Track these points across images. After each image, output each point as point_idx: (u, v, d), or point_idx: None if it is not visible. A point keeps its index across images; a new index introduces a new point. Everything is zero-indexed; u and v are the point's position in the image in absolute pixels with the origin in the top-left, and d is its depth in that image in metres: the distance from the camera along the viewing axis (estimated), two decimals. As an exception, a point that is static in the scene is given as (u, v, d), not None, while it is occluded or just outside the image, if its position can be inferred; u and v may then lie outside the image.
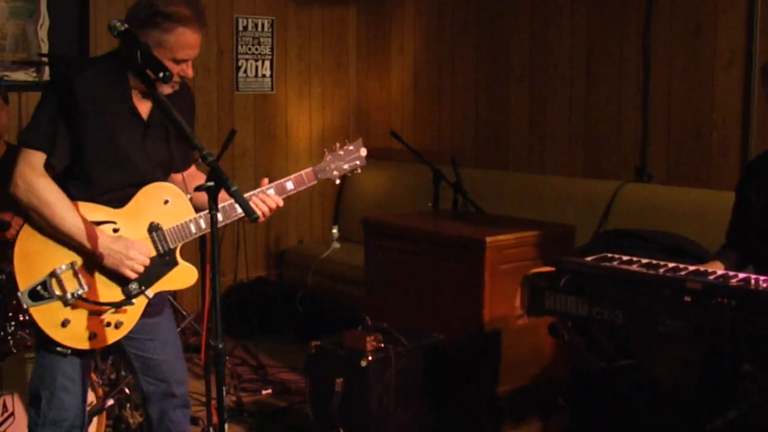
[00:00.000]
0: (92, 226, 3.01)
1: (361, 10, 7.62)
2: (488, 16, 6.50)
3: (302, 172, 3.34)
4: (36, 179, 2.96)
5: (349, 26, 7.64)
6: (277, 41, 7.18)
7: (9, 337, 4.02)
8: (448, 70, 6.85)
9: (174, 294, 5.82)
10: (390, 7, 7.33)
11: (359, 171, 3.49)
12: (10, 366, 3.91)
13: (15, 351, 3.94)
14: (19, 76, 5.88)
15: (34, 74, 5.94)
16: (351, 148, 3.46)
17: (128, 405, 4.38)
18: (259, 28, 7.05)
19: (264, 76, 7.13)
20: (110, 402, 4.17)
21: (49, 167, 3.00)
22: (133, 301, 3.10)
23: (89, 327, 3.06)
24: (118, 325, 3.11)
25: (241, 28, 6.95)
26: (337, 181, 3.47)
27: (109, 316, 3.08)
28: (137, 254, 3.03)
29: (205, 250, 4.48)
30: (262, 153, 7.19)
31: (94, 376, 4.09)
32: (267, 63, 7.13)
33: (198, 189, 2.67)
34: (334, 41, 7.56)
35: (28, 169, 2.98)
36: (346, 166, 3.44)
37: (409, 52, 7.19)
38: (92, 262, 3.05)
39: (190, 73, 3.09)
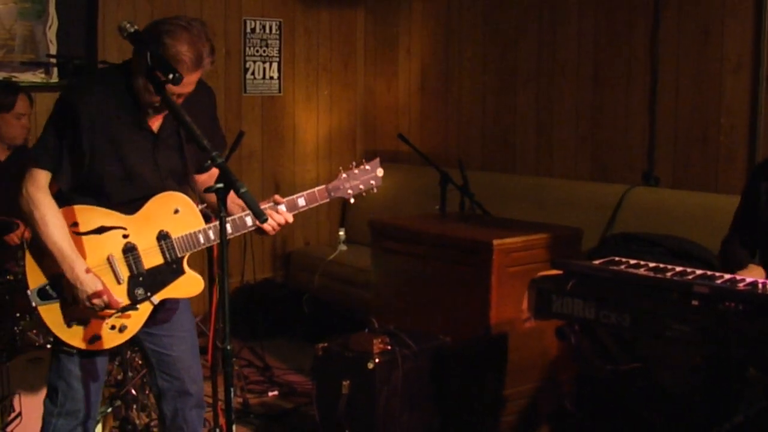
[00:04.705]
0: (76, 254, 3.03)
1: (369, 12, 7.62)
2: (496, 20, 6.50)
3: (315, 189, 3.34)
4: (35, 193, 3.05)
5: (356, 29, 7.65)
6: (284, 43, 7.19)
7: (17, 338, 4.04)
8: (455, 72, 6.86)
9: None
10: (397, 9, 7.34)
11: (375, 191, 3.46)
12: (18, 366, 3.92)
13: (22, 351, 3.95)
14: (28, 77, 5.90)
15: (43, 75, 5.96)
16: (368, 167, 3.42)
17: (134, 406, 4.39)
18: (267, 31, 7.06)
19: (272, 78, 7.14)
20: (117, 403, 4.18)
21: (53, 186, 3.07)
22: (138, 306, 3.13)
23: (93, 329, 3.11)
24: (122, 329, 3.14)
25: (249, 30, 6.96)
26: (352, 200, 3.43)
27: (113, 320, 3.12)
28: (100, 303, 3.03)
29: (212, 251, 4.49)
30: (270, 155, 7.19)
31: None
32: (275, 65, 7.14)
33: (207, 191, 2.70)
34: (342, 43, 7.57)
35: (32, 184, 3.07)
36: (361, 186, 3.41)
37: (417, 54, 7.20)
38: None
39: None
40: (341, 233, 6.95)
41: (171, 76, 2.79)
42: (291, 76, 7.26)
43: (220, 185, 2.64)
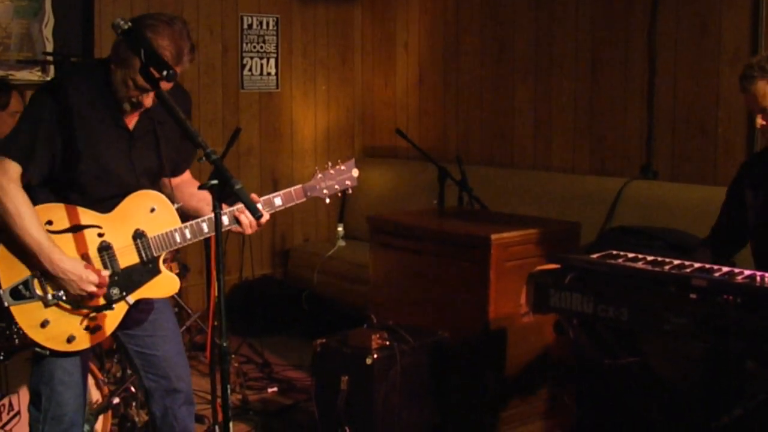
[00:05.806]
0: (53, 245, 2.99)
1: (366, 7, 7.61)
2: (493, 13, 6.49)
3: (291, 189, 3.36)
4: (8, 184, 2.97)
5: (354, 24, 7.64)
6: (282, 39, 7.18)
7: (14, 336, 4.02)
8: (453, 67, 6.85)
9: (179, 292, 5.82)
10: (395, 4, 7.32)
11: (350, 191, 3.50)
12: (16, 364, 3.91)
13: (20, 350, 3.94)
14: (24, 75, 5.89)
15: (39, 73, 5.95)
16: (343, 167, 3.47)
17: (134, 403, 4.38)
18: (264, 26, 7.05)
19: (269, 74, 7.12)
20: (116, 400, 4.17)
21: (24, 178, 3.01)
22: (113, 306, 3.11)
23: (68, 329, 3.07)
24: (95, 330, 3.11)
25: (246, 26, 6.94)
26: (327, 200, 3.47)
27: (88, 320, 3.09)
28: (91, 286, 3.01)
29: (210, 248, 4.48)
30: (268, 151, 7.18)
31: (99, 375, 4.10)
32: (272, 61, 7.13)
33: (201, 187, 2.68)
34: (339, 39, 7.56)
35: (3, 174, 2.98)
36: (336, 186, 3.45)
37: (414, 49, 7.19)
38: None
39: (147, 102, 3.05)
40: (340, 229, 6.95)
41: (165, 72, 2.78)
42: (288, 72, 7.25)
43: (215, 182, 2.63)
